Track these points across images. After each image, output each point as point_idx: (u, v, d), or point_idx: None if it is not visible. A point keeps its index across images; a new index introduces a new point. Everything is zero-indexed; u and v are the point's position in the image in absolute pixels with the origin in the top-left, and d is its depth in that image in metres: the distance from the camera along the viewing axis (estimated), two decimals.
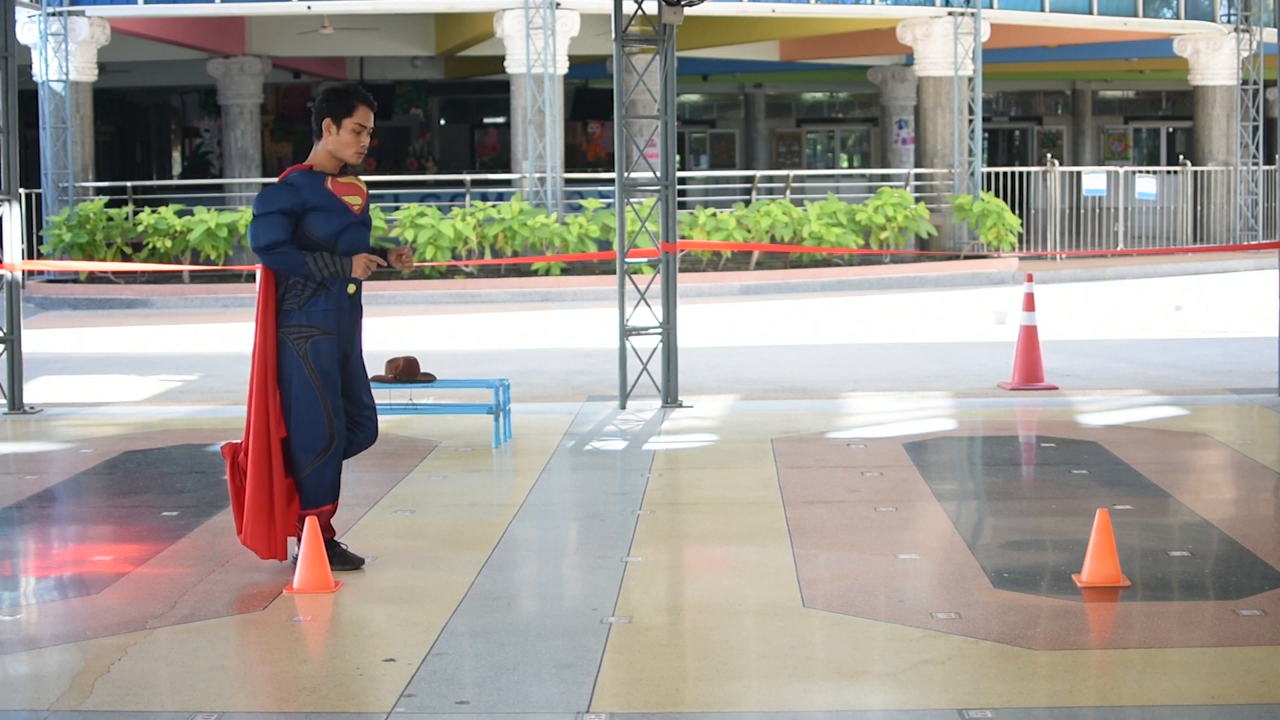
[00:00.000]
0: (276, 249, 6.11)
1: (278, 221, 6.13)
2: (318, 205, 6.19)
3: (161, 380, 13.08)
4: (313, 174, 6.27)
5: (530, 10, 22.44)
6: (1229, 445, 9.14)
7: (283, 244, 6.12)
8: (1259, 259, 23.85)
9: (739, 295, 21.25)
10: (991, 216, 23.68)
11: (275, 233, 6.12)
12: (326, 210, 6.22)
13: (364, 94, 6.28)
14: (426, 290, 21.01)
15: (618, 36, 10.78)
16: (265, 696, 4.96)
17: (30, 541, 7.22)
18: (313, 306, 6.21)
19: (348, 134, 6.23)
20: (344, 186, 6.31)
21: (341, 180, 6.31)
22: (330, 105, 6.23)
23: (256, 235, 6.13)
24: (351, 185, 6.35)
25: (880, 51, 30.02)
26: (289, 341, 6.21)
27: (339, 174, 6.32)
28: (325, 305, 6.24)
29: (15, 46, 10.85)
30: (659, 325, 10.89)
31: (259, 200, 6.21)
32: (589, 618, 5.68)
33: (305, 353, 6.21)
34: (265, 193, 6.22)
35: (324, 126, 6.25)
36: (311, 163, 6.30)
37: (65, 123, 22.74)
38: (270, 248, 6.10)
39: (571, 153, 30.01)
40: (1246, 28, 26.94)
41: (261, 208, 6.17)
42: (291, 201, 6.17)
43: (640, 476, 8.36)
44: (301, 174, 6.27)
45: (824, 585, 6.08)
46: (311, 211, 6.19)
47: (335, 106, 6.22)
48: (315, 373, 6.22)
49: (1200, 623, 5.61)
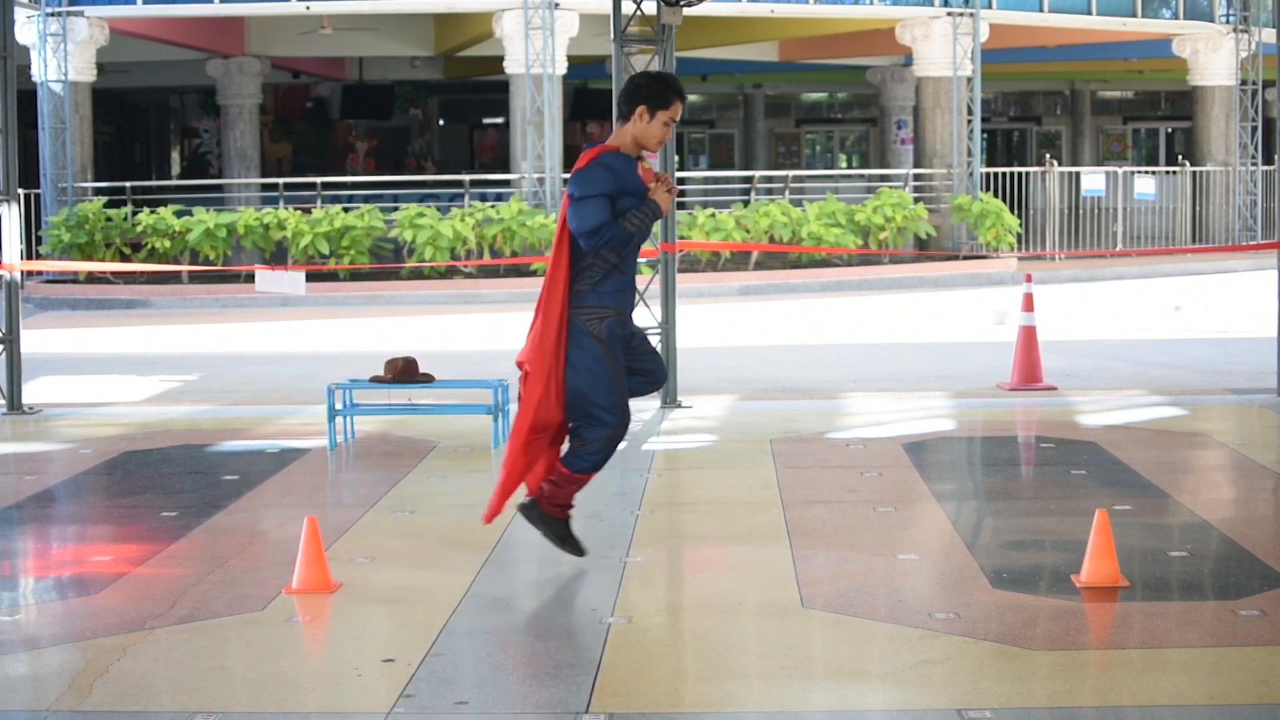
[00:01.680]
0: (603, 229, 6.13)
1: (601, 203, 6.13)
2: (631, 190, 6.22)
3: (161, 380, 13.08)
4: (625, 158, 6.27)
5: (529, 10, 22.45)
6: (1228, 445, 9.14)
7: (607, 224, 6.14)
8: (1258, 259, 23.85)
9: (738, 295, 21.25)
10: (990, 217, 23.69)
11: (601, 213, 6.13)
12: (635, 195, 6.23)
13: (681, 88, 6.31)
14: (426, 290, 21.01)
15: (617, 37, 10.79)
16: (264, 696, 4.96)
17: (29, 542, 7.22)
18: (604, 288, 6.23)
19: (658, 125, 6.24)
20: (647, 173, 6.32)
21: (644, 166, 6.34)
22: (649, 92, 6.23)
23: (585, 218, 6.11)
24: (649, 171, 6.36)
25: (879, 52, 30.03)
26: (583, 324, 6.22)
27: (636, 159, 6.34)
28: (616, 285, 6.26)
29: (14, 46, 10.85)
30: (658, 325, 10.89)
31: (579, 183, 6.18)
32: (588, 618, 5.68)
33: (600, 333, 6.22)
34: (584, 175, 6.19)
35: (637, 112, 6.24)
36: (618, 144, 6.29)
37: (64, 123, 22.74)
38: (598, 229, 6.12)
39: (571, 153, 29.91)
40: (1245, 28, 26.96)
41: (584, 190, 6.16)
42: (612, 185, 6.17)
43: (639, 476, 8.36)
44: (615, 156, 6.25)
45: (823, 585, 6.08)
46: (624, 195, 6.20)
47: (654, 95, 6.23)
48: (610, 353, 6.23)
49: (1199, 623, 5.61)
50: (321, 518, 6.61)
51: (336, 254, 21.56)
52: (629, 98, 6.27)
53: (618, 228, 6.15)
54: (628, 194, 6.21)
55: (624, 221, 6.17)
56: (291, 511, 7.50)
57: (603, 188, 6.15)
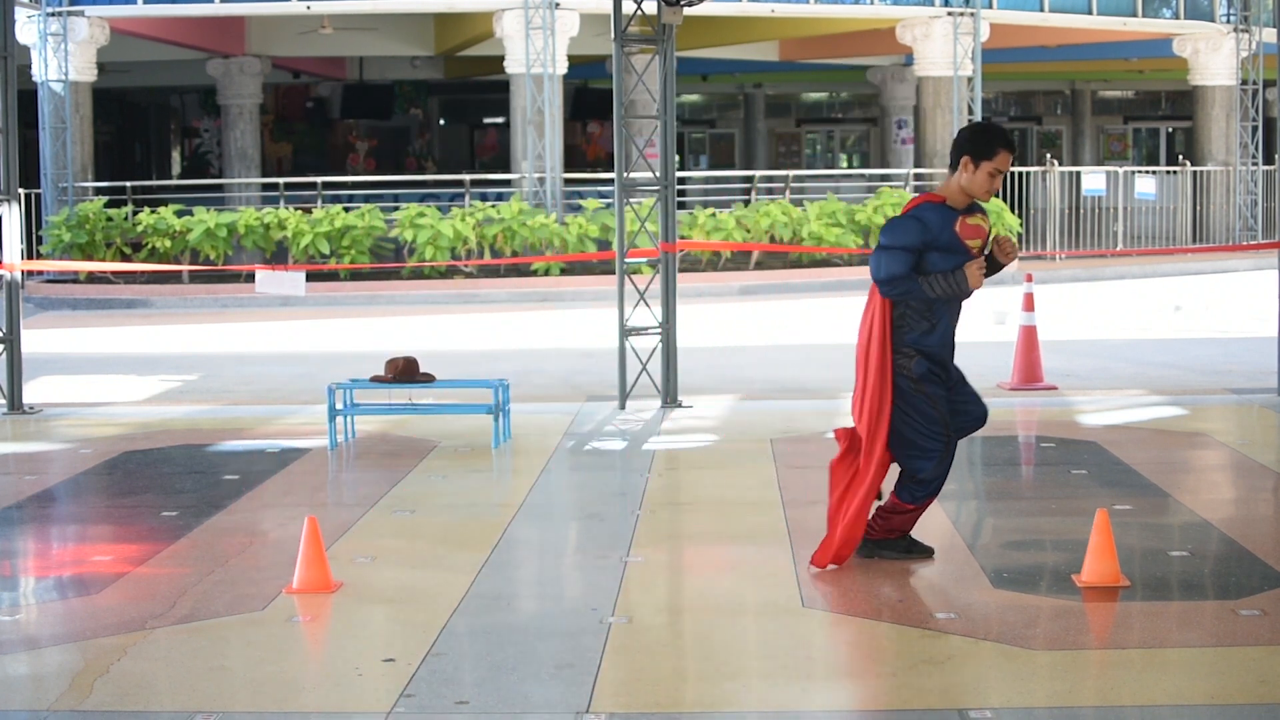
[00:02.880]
0: (895, 282, 6.13)
1: (901, 258, 6.12)
2: (943, 245, 6.17)
3: (161, 380, 13.08)
4: (943, 210, 6.20)
5: (530, 10, 22.44)
6: (1228, 445, 9.14)
7: (901, 278, 6.13)
8: (1258, 259, 23.84)
9: (738, 295, 21.25)
10: (991, 216, 23.63)
11: (896, 267, 6.12)
12: (948, 251, 6.17)
13: (1007, 138, 6.21)
14: (426, 290, 21.01)
15: (617, 36, 10.79)
16: (265, 696, 4.96)
17: (30, 541, 7.22)
18: (923, 340, 6.23)
19: (983, 175, 6.15)
20: (970, 228, 6.22)
21: (970, 221, 6.23)
22: (973, 144, 6.18)
23: (878, 266, 6.15)
24: (977, 226, 6.26)
25: (880, 51, 30.03)
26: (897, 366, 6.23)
27: (967, 210, 6.24)
28: (934, 341, 6.24)
29: (15, 46, 10.85)
30: (658, 325, 10.89)
31: (888, 230, 6.20)
32: (588, 618, 5.68)
33: (910, 372, 6.20)
34: (895, 224, 6.21)
35: (961, 163, 6.19)
36: (944, 195, 6.24)
37: (65, 123, 22.74)
38: (889, 281, 6.13)
39: (571, 153, 29.98)
40: (1246, 28, 26.94)
41: (889, 239, 6.17)
42: (920, 239, 6.14)
43: (640, 476, 8.36)
44: (933, 209, 6.21)
45: (824, 585, 6.08)
46: (933, 250, 6.16)
47: (978, 146, 6.16)
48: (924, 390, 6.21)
49: (1200, 622, 5.61)
50: (322, 517, 6.62)
51: (337, 254, 21.57)
52: (955, 149, 6.24)
53: (915, 285, 6.13)
54: (938, 249, 6.15)
55: (924, 283, 6.13)
56: (292, 511, 7.50)
57: (906, 240, 6.13)
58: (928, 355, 6.23)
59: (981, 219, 6.28)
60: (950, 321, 6.30)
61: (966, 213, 6.24)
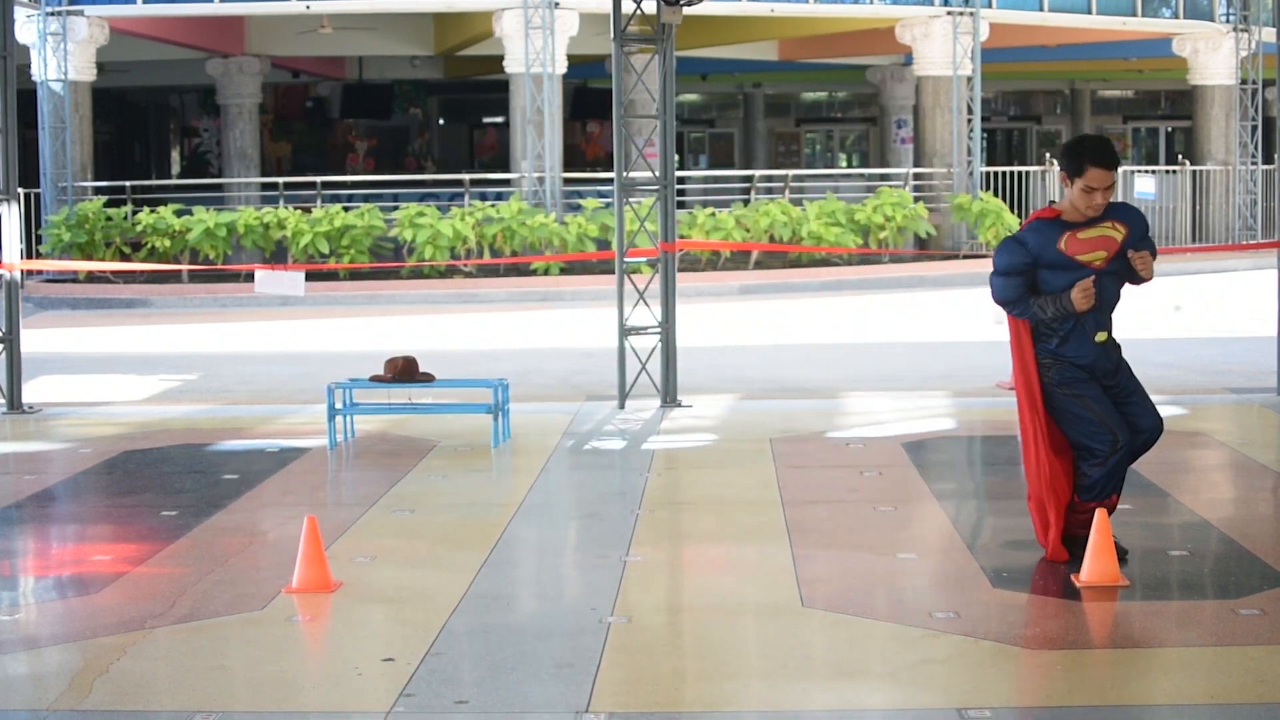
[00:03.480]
0: (1009, 305, 6.23)
1: (1009, 282, 6.19)
2: (1049, 263, 6.16)
3: (161, 380, 13.08)
4: (1049, 227, 6.17)
5: (529, 10, 22.44)
6: (1228, 445, 9.14)
7: (1013, 301, 6.21)
8: (1258, 258, 23.82)
9: (738, 295, 21.25)
10: (990, 216, 23.68)
11: (1007, 292, 6.20)
12: (1056, 268, 6.16)
13: (1099, 154, 6.05)
14: (425, 290, 21.01)
15: (617, 36, 10.78)
16: (264, 696, 4.96)
17: (29, 541, 7.22)
18: (1059, 350, 6.27)
19: (1079, 191, 6.09)
20: (1083, 243, 6.15)
21: (1082, 236, 6.15)
22: (1066, 159, 6.14)
23: (994, 289, 6.27)
24: (1096, 240, 6.17)
25: (879, 51, 30.02)
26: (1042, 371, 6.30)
27: (1088, 223, 6.17)
28: (1070, 352, 6.25)
29: (14, 46, 10.85)
30: (658, 325, 10.89)
31: (998, 252, 6.26)
32: (588, 617, 5.68)
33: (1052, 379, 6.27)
34: (1001, 246, 6.28)
35: (1062, 178, 6.21)
36: (1060, 209, 6.22)
37: (64, 122, 22.73)
38: (1004, 304, 6.25)
39: (570, 152, 29.96)
40: (1245, 27, 26.95)
41: (996, 264, 6.24)
42: (1021, 261, 6.16)
43: (639, 476, 8.36)
44: (1037, 228, 6.20)
45: (823, 585, 6.08)
46: (1043, 268, 6.17)
47: (1070, 162, 6.11)
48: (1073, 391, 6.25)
49: (1199, 622, 5.61)
50: (321, 517, 6.61)
51: (336, 253, 21.56)
52: (1059, 163, 6.24)
53: (1028, 306, 6.19)
54: (1047, 266, 6.16)
55: (1035, 305, 6.19)
56: (291, 511, 7.50)
57: (1009, 264, 6.18)
58: (1070, 363, 6.26)
59: (1110, 229, 6.17)
60: (1086, 332, 6.25)
61: (1085, 226, 6.17)
